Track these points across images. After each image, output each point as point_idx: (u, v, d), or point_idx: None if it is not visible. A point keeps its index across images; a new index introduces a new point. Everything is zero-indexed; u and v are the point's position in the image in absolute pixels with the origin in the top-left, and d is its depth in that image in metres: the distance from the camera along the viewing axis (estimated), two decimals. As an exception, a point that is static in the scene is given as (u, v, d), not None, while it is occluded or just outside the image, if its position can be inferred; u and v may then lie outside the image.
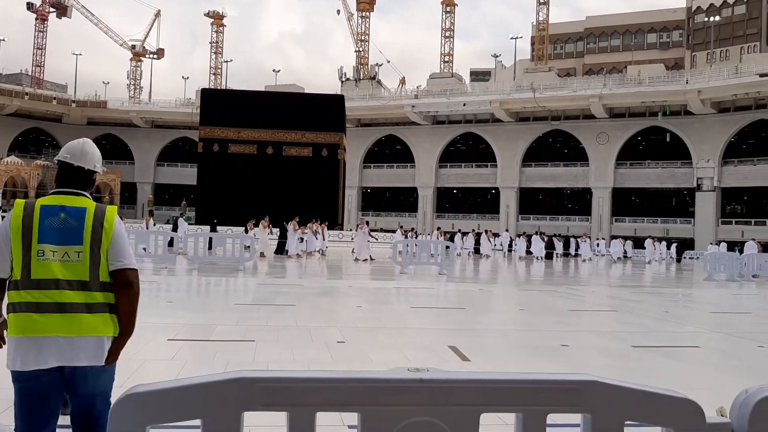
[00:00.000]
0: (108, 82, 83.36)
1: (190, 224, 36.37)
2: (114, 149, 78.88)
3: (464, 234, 41.23)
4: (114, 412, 1.62)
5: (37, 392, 2.76)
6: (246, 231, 28.92)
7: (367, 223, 31.03)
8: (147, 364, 6.08)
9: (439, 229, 40.75)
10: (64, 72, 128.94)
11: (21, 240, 2.79)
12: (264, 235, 26.58)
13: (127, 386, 1.64)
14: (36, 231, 2.79)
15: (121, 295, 2.93)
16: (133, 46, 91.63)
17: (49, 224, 2.82)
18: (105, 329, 2.88)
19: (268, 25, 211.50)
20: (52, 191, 2.99)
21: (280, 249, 28.79)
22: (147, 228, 26.60)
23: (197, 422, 1.63)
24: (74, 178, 3.02)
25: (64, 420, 3.04)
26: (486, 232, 42.56)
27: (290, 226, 27.91)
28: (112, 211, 2.96)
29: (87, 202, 2.96)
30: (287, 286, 15.14)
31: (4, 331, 2.86)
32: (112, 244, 2.89)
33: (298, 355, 6.68)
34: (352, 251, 29.01)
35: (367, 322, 9.56)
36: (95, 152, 3.13)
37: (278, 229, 29.73)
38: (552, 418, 1.69)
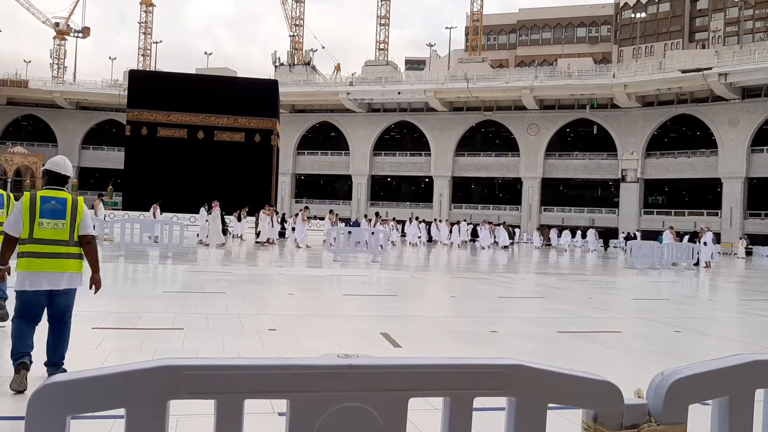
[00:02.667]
0: (29, 61, 79.66)
1: (115, 209, 35.32)
2: (36, 131, 75.71)
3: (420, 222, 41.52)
4: (32, 403, 1.56)
5: (34, 303, 4.86)
6: (239, 219, 29.07)
7: (308, 208, 31.34)
8: (70, 352, 5.88)
9: (378, 215, 40.75)
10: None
11: (29, 215, 4.81)
12: (265, 224, 27.24)
13: (47, 376, 1.59)
14: (38, 210, 4.82)
15: (86, 249, 5.08)
16: (57, 24, 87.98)
17: (45, 207, 4.85)
18: (76, 268, 5.04)
19: (197, 7, 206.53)
20: (45, 186, 5.04)
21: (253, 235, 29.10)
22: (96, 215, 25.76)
23: (121, 411, 1.59)
24: (58, 181, 5.10)
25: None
26: (440, 221, 43.16)
27: (299, 216, 28.35)
28: (81, 200, 5.08)
29: (67, 195, 5.02)
30: (217, 274, 14.92)
31: (6, 274, 5.03)
32: (81, 220, 4.99)
33: (228, 343, 6.60)
34: (295, 240, 28.98)
35: (299, 309, 9.51)
36: (69, 164, 5.26)
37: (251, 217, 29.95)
38: (479, 401, 1.72)
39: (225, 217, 28.30)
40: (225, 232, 30.50)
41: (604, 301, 12.90)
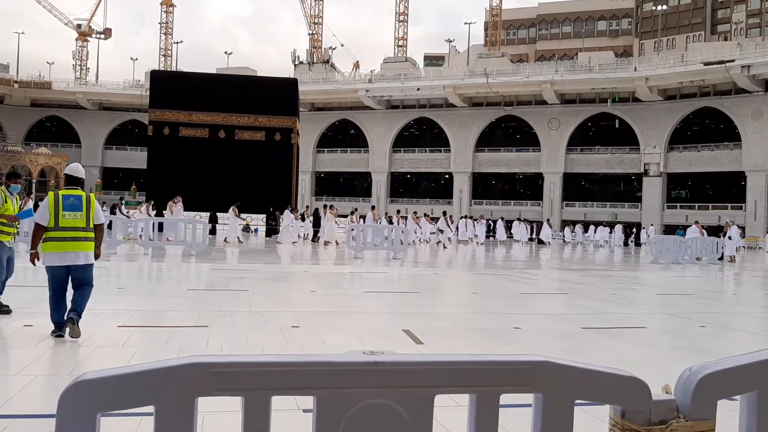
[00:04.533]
0: (52, 63, 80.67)
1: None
2: (60, 132, 76.67)
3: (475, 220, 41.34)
4: (62, 401, 1.58)
5: (58, 275, 6.47)
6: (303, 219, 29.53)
7: (332, 207, 31.60)
8: (97, 350, 5.97)
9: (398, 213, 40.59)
10: (5, 51, 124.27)
11: (53, 209, 6.41)
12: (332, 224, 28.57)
13: (77, 374, 1.61)
14: (60, 205, 6.42)
15: (96, 233, 6.67)
16: (79, 26, 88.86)
17: (66, 203, 6.46)
18: (91, 248, 6.59)
19: (215, 7, 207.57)
20: (65, 186, 6.75)
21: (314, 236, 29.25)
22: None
23: (150, 409, 1.61)
24: (74, 182, 6.76)
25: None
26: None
27: (328, 214, 28.35)
28: (93, 196, 6.76)
29: (82, 192, 6.64)
30: (240, 271, 15.01)
31: (35, 258, 6.57)
32: (95, 212, 6.60)
33: (252, 340, 6.64)
34: (316, 236, 29.33)
35: (321, 306, 9.55)
36: (82, 169, 7.00)
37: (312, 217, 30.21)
38: (505, 398, 1.72)
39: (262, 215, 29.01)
40: (247, 230, 30.96)
41: (628, 297, 12.79)
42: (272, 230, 32.64)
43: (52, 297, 6.47)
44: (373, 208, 31.48)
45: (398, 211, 34.33)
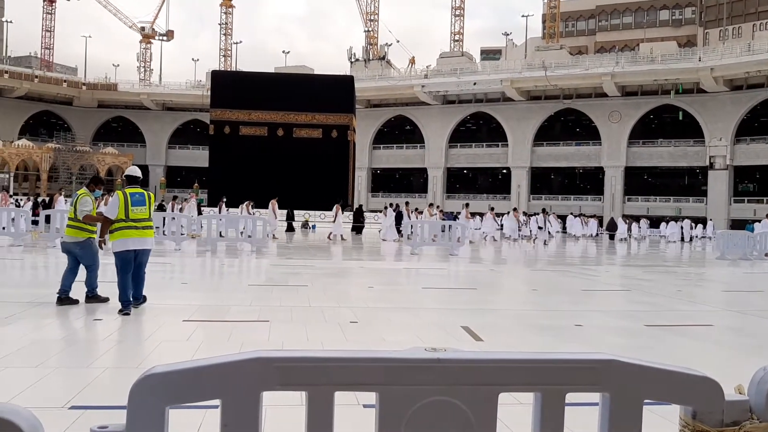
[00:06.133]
0: (118, 65, 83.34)
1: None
2: (125, 132, 79.11)
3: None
4: (133, 393, 1.63)
5: (128, 258, 7.83)
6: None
7: (398, 205, 31.64)
8: (163, 344, 6.13)
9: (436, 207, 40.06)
10: (73, 55, 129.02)
11: (123, 204, 7.84)
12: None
13: (144, 367, 1.65)
14: (129, 201, 7.88)
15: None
16: (143, 28, 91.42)
17: (133, 199, 7.92)
18: (152, 235, 8.24)
19: (270, 7, 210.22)
20: (128, 184, 8.26)
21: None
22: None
23: (216, 402, 1.64)
24: (135, 181, 8.30)
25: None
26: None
27: (426, 212, 28.78)
28: (151, 194, 8.23)
29: (143, 190, 8.14)
30: (299, 267, 15.20)
31: (103, 244, 8.14)
32: (154, 206, 8.25)
33: (311, 335, 6.72)
34: (379, 231, 29.64)
35: (379, 302, 9.59)
36: (139, 171, 8.52)
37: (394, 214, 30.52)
38: (570, 397, 1.68)
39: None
40: (291, 227, 31.33)
41: (694, 293, 12.42)
42: (358, 228, 32.88)
43: (124, 278, 7.71)
44: (431, 205, 31.30)
45: (407, 203, 33.55)
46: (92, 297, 8.31)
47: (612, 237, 42.30)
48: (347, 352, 1.67)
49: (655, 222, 53.06)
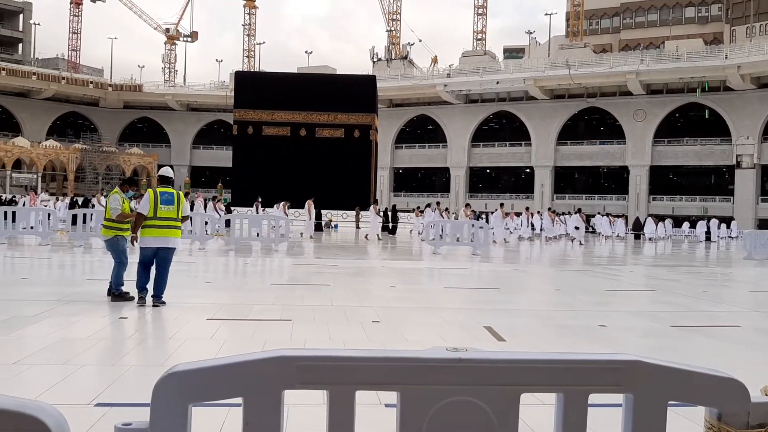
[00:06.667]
0: (143, 66, 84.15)
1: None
2: (150, 132, 79.93)
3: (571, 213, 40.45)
4: (156, 391, 1.64)
5: (149, 254, 8.23)
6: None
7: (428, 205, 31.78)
8: (187, 343, 6.19)
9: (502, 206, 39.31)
10: (99, 56, 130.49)
11: (153, 203, 8.16)
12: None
13: (169, 365, 1.67)
14: (159, 199, 8.19)
15: (182, 222, 8.48)
16: (167, 30, 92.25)
17: (163, 198, 8.22)
18: (178, 235, 8.41)
19: (292, 7, 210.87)
20: (159, 184, 8.57)
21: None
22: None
23: (238, 400, 1.65)
24: (167, 182, 8.62)
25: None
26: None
27: (462, 212, 28.91)
28: (182, 194, 8.57)
29: (173, 190, 8.44)
30: (322, 266, 15.24)
31: (135, 240, 8.50)
32: (183, 206, 8.43)
33: (334, 334, 6.73)
34: (418, 232, 29.64)
35: (401, 302, 9.58)
36: (171, 171, 8.95)
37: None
38: (593, 398, 1.67)
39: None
40: (319, 227, 31.46)
41: (720, 294, 12.25)
42: (387, 228, 32.90)
43: (140, 268, 8.17)
44: (467, 205, 31.18)
45: (438, 203, 33.27)
46: (118, 295, 8.46)
47: (638, 237, 41.84)
48: (368, 351, 1.68)
49: (678, 222, 52.39)
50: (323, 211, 38.05)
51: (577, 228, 33.62)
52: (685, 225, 50.93)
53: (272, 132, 47.98)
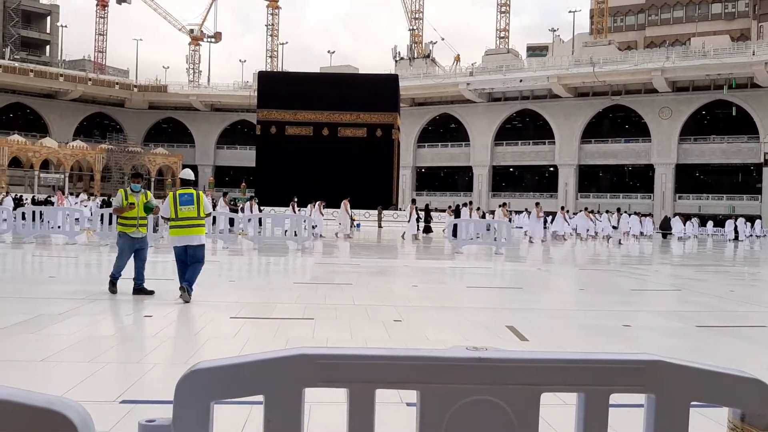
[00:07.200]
0: (168, 67, 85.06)
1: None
2: (175, 133, 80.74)
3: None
4: (179, 388, 1.66)
5: (180, 253, 8.68)
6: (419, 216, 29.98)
7: (458, 205, 31.68)
8: (210, 341, 6.25)
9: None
10: (124, 57, 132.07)
11: (174, 204, 8.71)
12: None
13: (192, 363, 1.69)
14: (178, 201, 8.70)
15: (206, 219, 9.15)
16: (192, 31, 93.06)
17: (182, 199, 8.72)
18: (202, 233, 8.88)
19: (314, 7, 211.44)
20: (181, 186, 9.17)
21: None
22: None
23: (259, 398, 1.67)
24: (187, 183, 9.12)
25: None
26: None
27: (534, 212, 28.85)
28: (201, 193, 9.00)
29: (192, 191, 8.91)
30: (344, 266, 15.28)
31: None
32: (203, 204, 8.87)
33: (355, 333, 6.75)
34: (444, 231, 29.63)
35: (423, 301, 9.57)
36: (192, 173, 9.41)
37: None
38: (615, 398, 1.66)
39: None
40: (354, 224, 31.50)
41: (747, 294, 12.07)
42: (427, 227, 32.81)
43: (177, 266, 8.77)
44: (503, 204, 31.00)
45: (470, 202, 33.09)
46: (138, 290, 8.85)
47: (665, 236, 41.37)
48: (388, 350, 1.68)
49: (704, 221, 51.74)
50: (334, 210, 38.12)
51: (615, 228, 33.74)
52: (710, 224, 50.24)
53: (295, 132, 48.23)
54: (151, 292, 8.76)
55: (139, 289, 8.77)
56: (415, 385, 1.66)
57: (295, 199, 29.29)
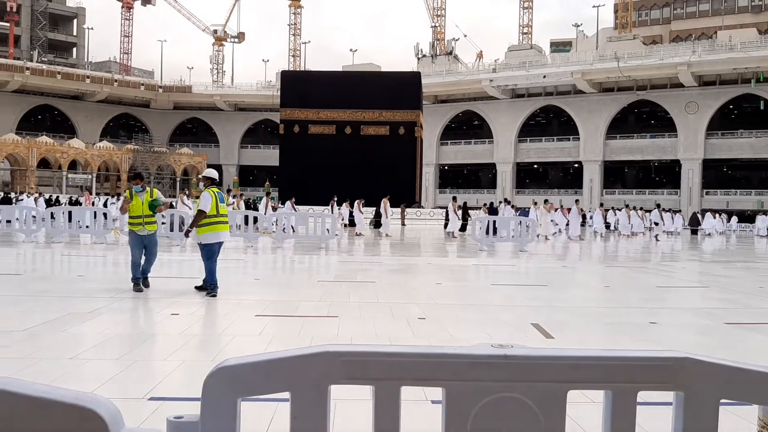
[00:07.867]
0: (192, 67, 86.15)
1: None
2: (199, 132, 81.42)
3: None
4: (207, 385, 1.68)
5: (215, 248, 9.10)
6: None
7: (491, 203, 31.57)
8: (236, 338, 6.29)
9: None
10: (149, 59, 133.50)
11: (215, 201, 9.06)
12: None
13: (219, 360, 1.70)
14: (217, 198, 9.12)
15: None
16: (215, 31, 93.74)
17: (220, 197, 9.23)
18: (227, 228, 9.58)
19: (336, 5, 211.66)
20: (212, 186, 9.33)
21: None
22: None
23: (286, 395, 1.68)
24: (214, 183, 9.47)
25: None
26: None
27: (542, 209, 28.82)
28: (223, 193, 9.88)
29: (219, 190, 9.31)
30: (367, 264, 15.30)
31: (188, 234, 9.57)
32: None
33: (380, 330, 6.76)
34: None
35: (447, 298, 9.55)
36: (216, 173, 9.78)
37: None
38: (642, 395, 1.65)
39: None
40: (378, 224, 31.54)
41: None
42: (464, 226, 32.59)
43: (212, 265, 8.93)
44: (546, 201, 30.85)
45: (506, 200, 33.00)
46: (134, 283, 9.30)
47: (694, 232, 40.85)
48: (414, 347, 1.68)
49: (729, 216, 50.90)
50: (371, 209, 38.18)
51: (656, 224, 33.60)
52: (734, 219, 49.35)
53: (318, 130, 48.36)
54: (146, 287, 9.21)
55: (144, 279, 9.31)
56: (441, 382, 1.67)
57: (335, 198, 29.27)
